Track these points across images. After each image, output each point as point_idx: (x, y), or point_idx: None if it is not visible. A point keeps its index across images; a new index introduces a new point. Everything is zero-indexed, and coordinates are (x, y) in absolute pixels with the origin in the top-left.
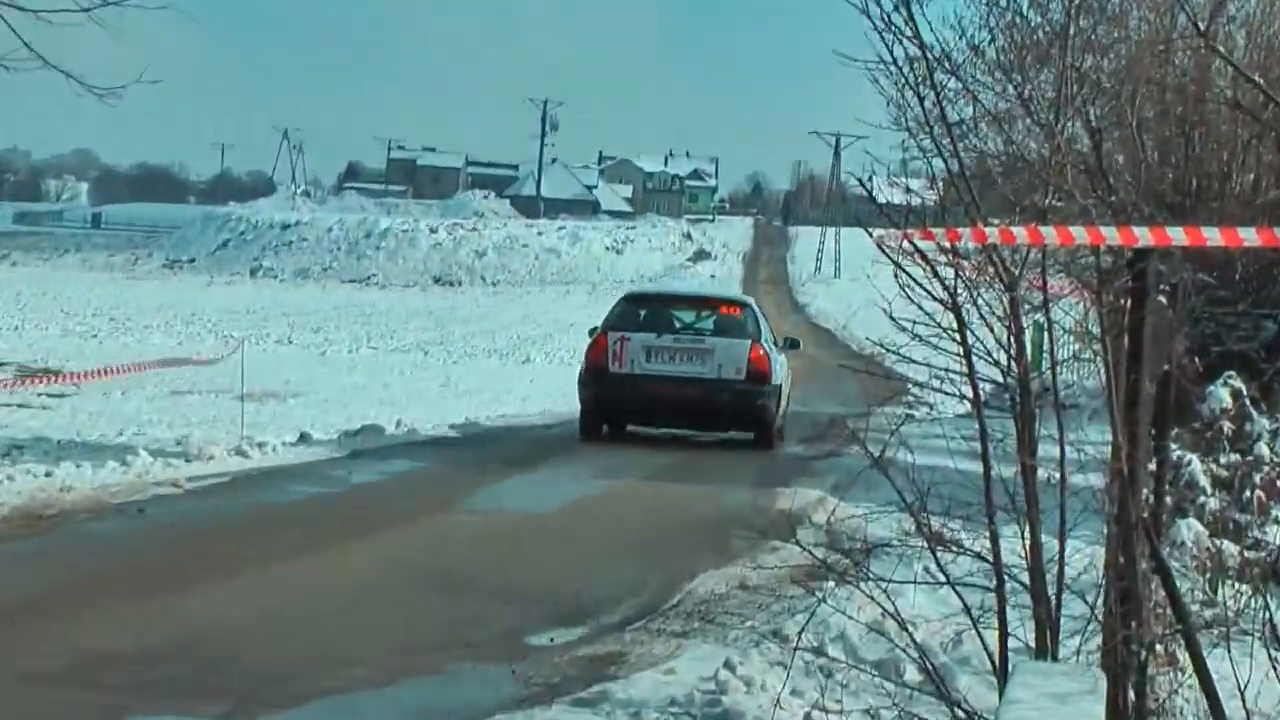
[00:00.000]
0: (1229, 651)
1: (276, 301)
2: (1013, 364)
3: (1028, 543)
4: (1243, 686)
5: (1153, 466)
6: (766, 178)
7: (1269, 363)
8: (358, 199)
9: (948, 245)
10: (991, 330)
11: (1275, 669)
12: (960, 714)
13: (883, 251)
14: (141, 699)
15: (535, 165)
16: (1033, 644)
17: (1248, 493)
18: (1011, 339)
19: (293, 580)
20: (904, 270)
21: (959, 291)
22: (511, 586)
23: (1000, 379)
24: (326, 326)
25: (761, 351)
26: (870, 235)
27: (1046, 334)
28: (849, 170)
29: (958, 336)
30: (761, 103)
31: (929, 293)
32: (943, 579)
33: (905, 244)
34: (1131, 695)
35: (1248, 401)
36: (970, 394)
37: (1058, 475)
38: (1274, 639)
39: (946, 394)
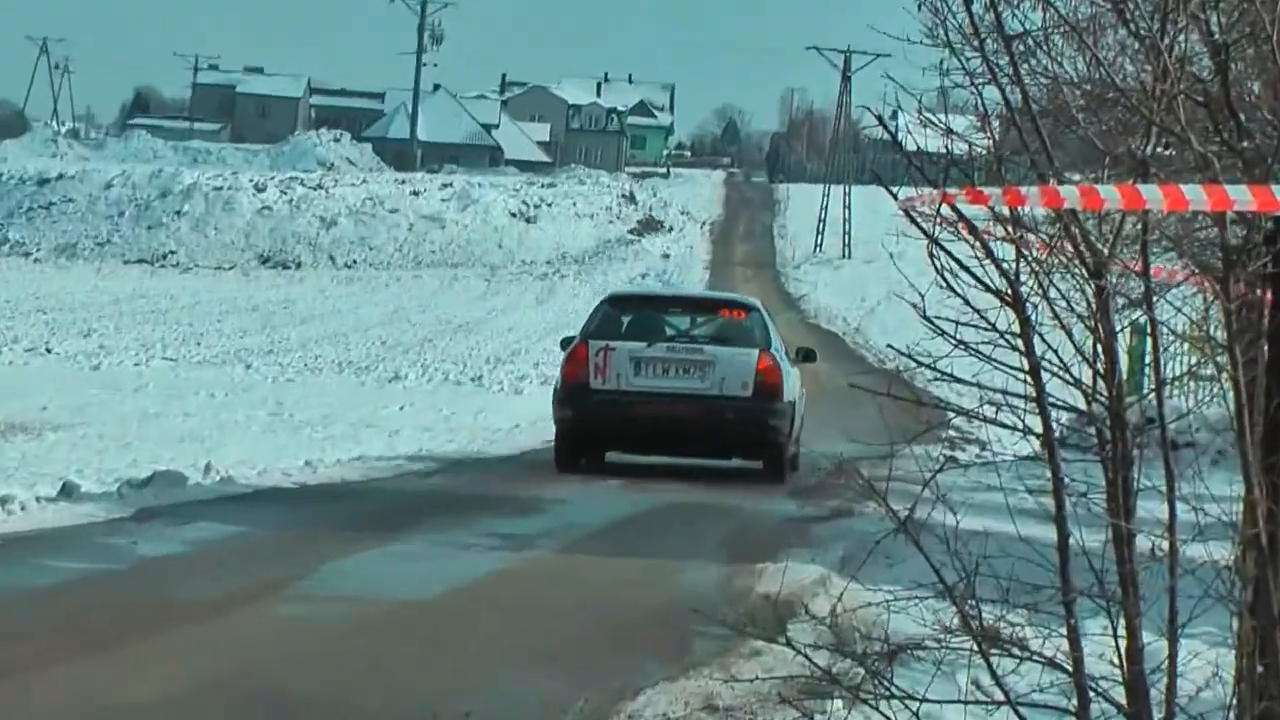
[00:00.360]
0: None
1: (28, 291)
2: (1100, 383)
3: (1123, 644)
4: None
5: None
6: (744, 115)
7: None
8: (149, 142)
9: (1006, 211)
10: (1069, 335)
11: None
12: None
13: (912, 221)
14: None
15: (409, 95)
16: None
17: None
18: (1099, 347)
19: (46, 706)
20: (942, 249)
21: (1023, 279)
22: (364, 711)
23: (1082, 405)
24: (102, 328)
25: (771, 363)
26: (894, 197)
27: (1149, 340)
28: (863, 104)
29: (1020, 344)
30: (738, 5)
31: (979, 281)
32: (999, 696)
33: (945, 210)
34: None
35: None
36: (1038, 427)
37: (1165, 546)
38: None
39: (1004, 427)
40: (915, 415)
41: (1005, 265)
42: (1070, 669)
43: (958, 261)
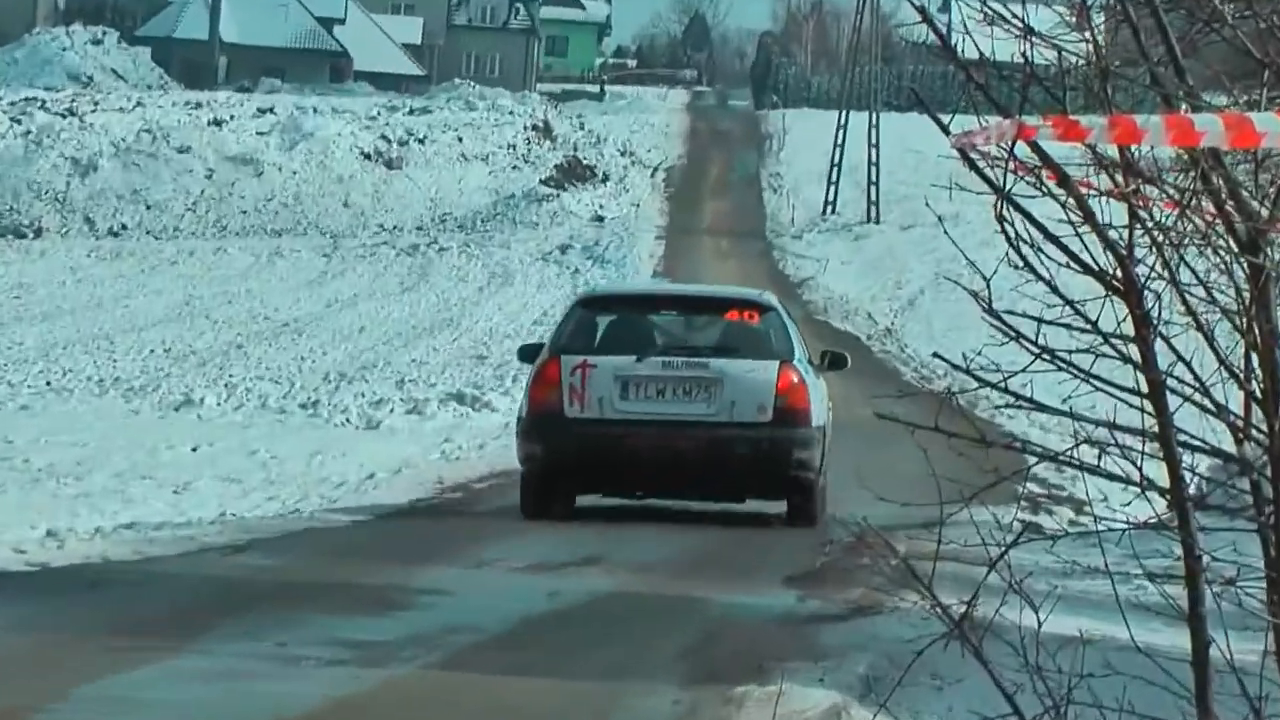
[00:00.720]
0: None
1: None
2: (1257, 412)
3: None
4: None
5: None
6: (718, 5)
7: None
8: None
9: (1114, 153)
10: (1209, 339)
11: None
12: None
13: (971, 167)
14: None
15: None
16: None
17: None
18: (1255, 357)
19: None
20: (1018, 209)
21: (1140, 255)
22: None
23: (1229, 446)
24: None
25: (795, 378)
26: (945, 131)
27: None
28: None
29: (1135, 353)
30: None
31: (1073, 258)
32: None
33: (1021, 149)
34: None
35: None
36: (1163, 479)
37: None
38: None
39: (1111, 479)
40: (977, 461)
41: (1113, 234)
42: None
43: (1040, 228)
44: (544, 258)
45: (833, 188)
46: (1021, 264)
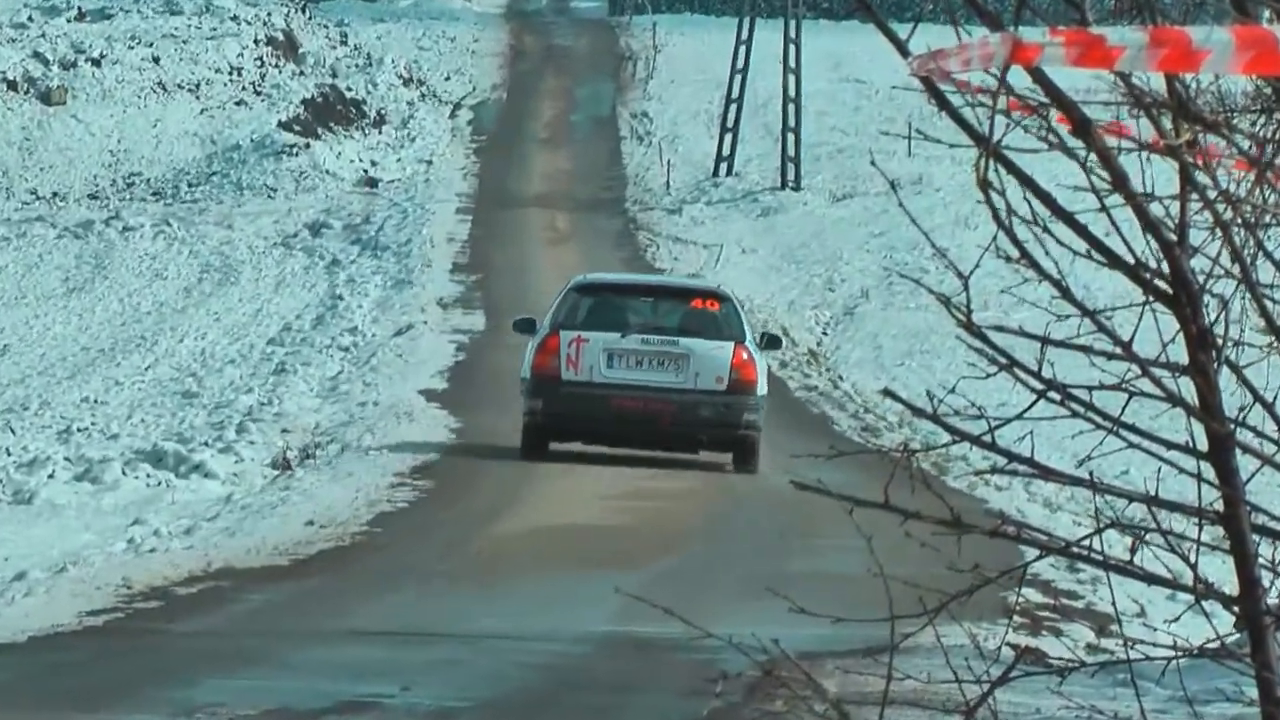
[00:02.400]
0: None
1: None
2: None
3: None
4: None
5: None
6: None
7: None
8: None
9: (1159, 82)
10: None
11: None
12: None
13: (941, 106)
14: None
15: None
16: None
17: None
18: None
19: None
20: (1010, 168)
21: (1197, 243)
22: None
23: None
24: None
25: (746, 356)
26: (902, 51)
27: None
28: None
29: (1188, 389)
30: None
31: (1095, 245)
32: None
33: (1021, 77)
34: None
35: None
36: (1231, 582)
37: None
38: None
39: (1147, 580)
40: (947, 554)
41: (1157, 209)
42: None
43: (1045, 199)
44: (285, 242)
45: (729, 136)
46: (1017, 255)
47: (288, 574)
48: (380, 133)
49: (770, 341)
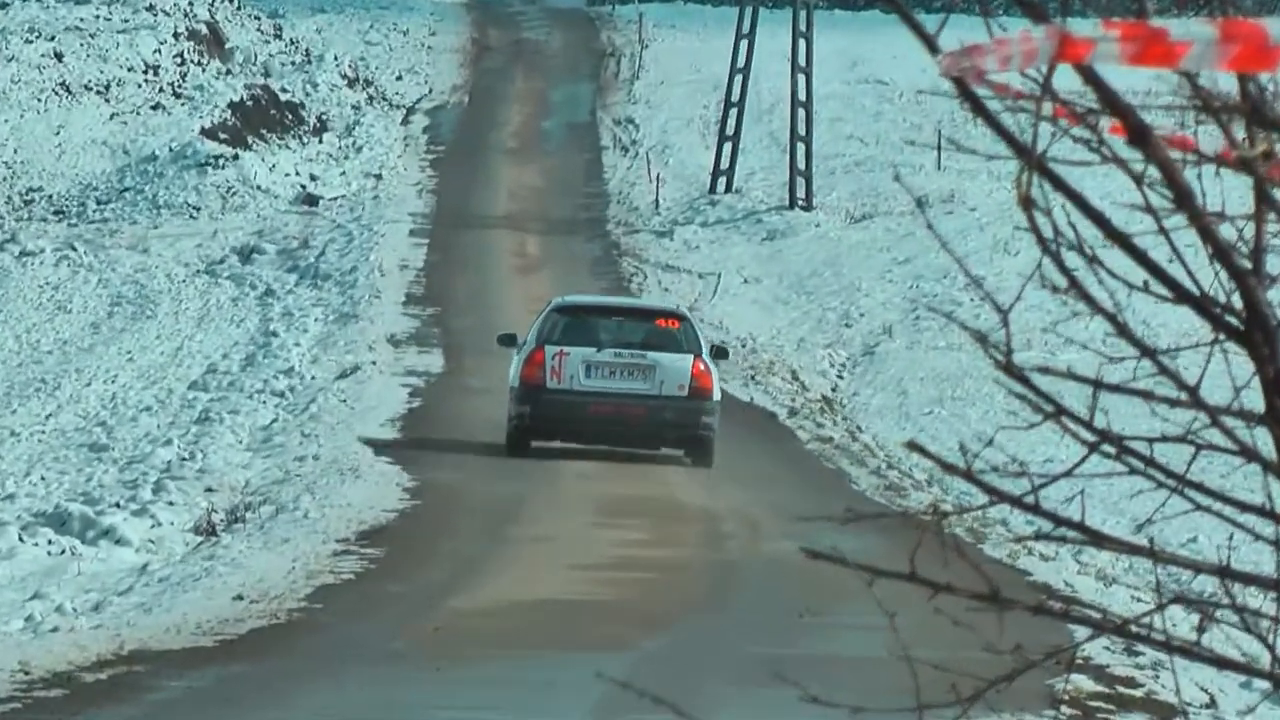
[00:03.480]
0: None
1: None
2: None
3: None
4: None
5: None
6: None
7: None
8: None
9: (1231, 82)
10: None
11: None
12: None
13: (979, 113)
14: None
15: None
16: None
17: None
18: None
19: None
20: (1057, 184)
21: (1277, 272)
22: None
23: None
24: None
25: (704, 367)
26: (931, 48)
27: None
28: None
29: (1265, 441)
30: None
31: (1156, 274)
32: None
33: (1069, 79)
34: None
35: None
36: None
37: None
38: None
39: (1217, 664)
40: (984, 633)
41: (1227, 230)
42: None
43: (1098, 220)
44: (210, 269)
45: (728, 146)
46: (1065, 285)
47: (213, 657)
48: (321, 142)
49: (718, 352)
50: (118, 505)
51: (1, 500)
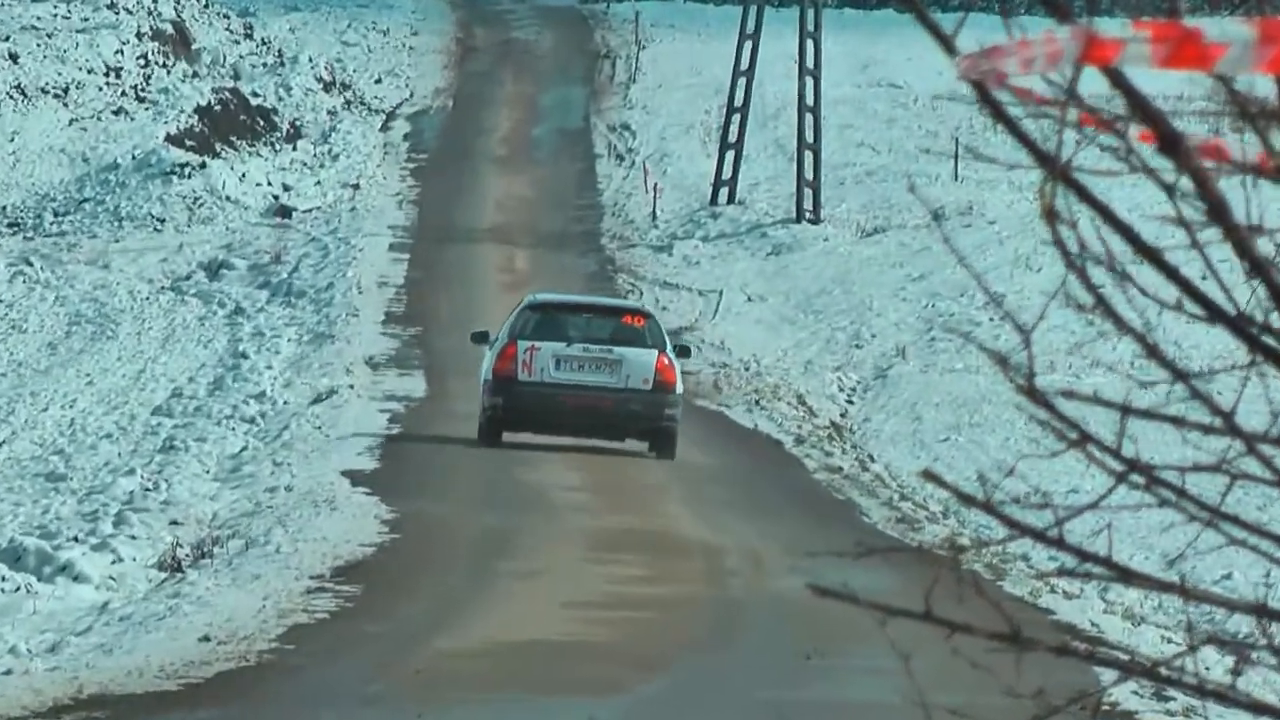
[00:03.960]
0: None
1: None
2: None
3: None
4: None
5: None
6: None
7: None
8: None
9: (1270, 85)
10: None
11: None
12: None
13: (999, 119)
14: None
15: None
16: None
17: None
18: None
19: None
20: (1082, 195)
21: None
22: None
23: None
24: None
25: (667, 362)
26: (948, 48)
27: None
28: None
29: None
30: None
31: (1190, 294)
32: None
33: (1095, 81)
34: None
35: None
36: None
37: None
38: None
39: (1254, 710)
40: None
41: (1265, 245)
42: None
43: (1127, 234)
44: (175, 285)
45: (730, 155)
46: (1091, 303)
47: (178, 702)
48: (294, 149)
49: (681, 351)
50: (76, 539)
51: None
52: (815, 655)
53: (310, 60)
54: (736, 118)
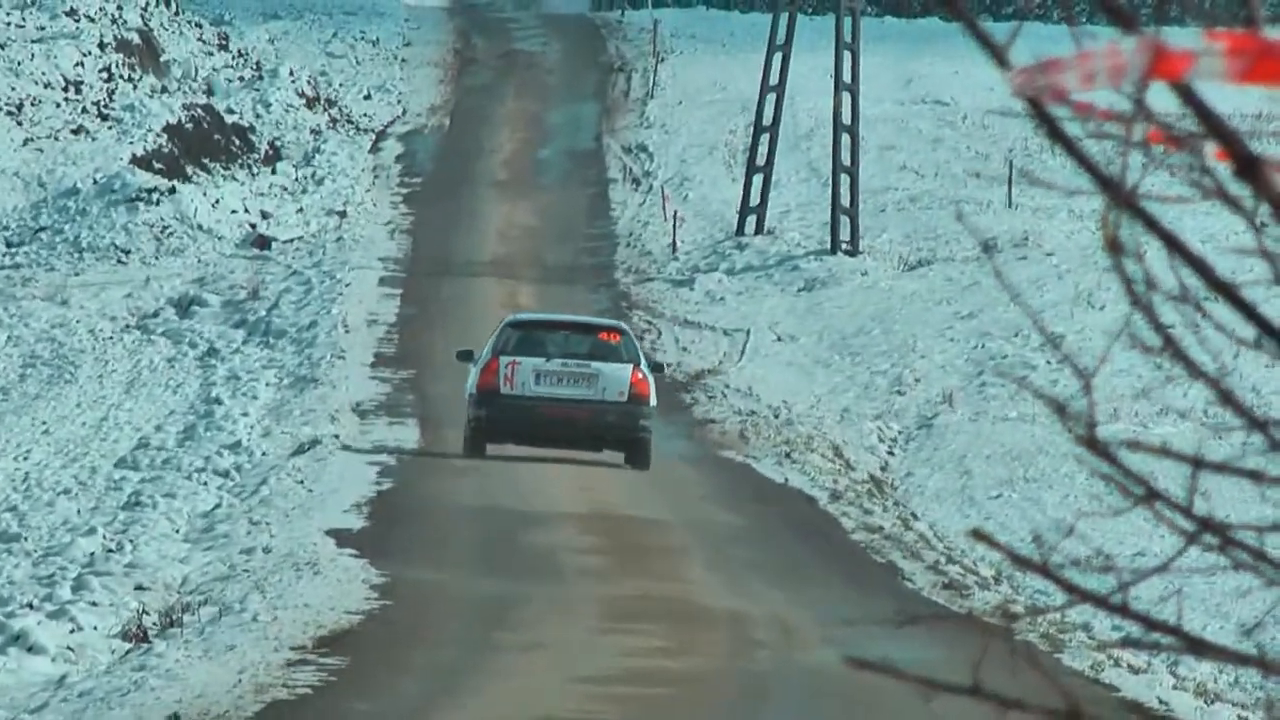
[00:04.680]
0: None
1: None
2: None
3: None
4: None
5: None
6: None
7: None
8: None
9: None
10: None
11: None
12: None
13: (1057, 140)
14: None
15: None
16: None
17: None
18: None
19: None
20: (1150, 225)
21: None
22: None
23: None
24: None
25: (641, 376)
26: (1001, 62)
27: None
28: None
29: None
30: None
31: (1271, 334)
32: None
33: (1164, 98)
34: None
35: None
36: None
37: None
38: None
39: None
40: None
41: None
42: None
43: (1198, 268)
44: (141, 324)
45: (759, 179)
46: (1160, 345)
47: None
48: (274, 173)
49: (655, 367)
50: (30, 606)
51: None
52: None
53: (291, 74)
54: (765, 138)
